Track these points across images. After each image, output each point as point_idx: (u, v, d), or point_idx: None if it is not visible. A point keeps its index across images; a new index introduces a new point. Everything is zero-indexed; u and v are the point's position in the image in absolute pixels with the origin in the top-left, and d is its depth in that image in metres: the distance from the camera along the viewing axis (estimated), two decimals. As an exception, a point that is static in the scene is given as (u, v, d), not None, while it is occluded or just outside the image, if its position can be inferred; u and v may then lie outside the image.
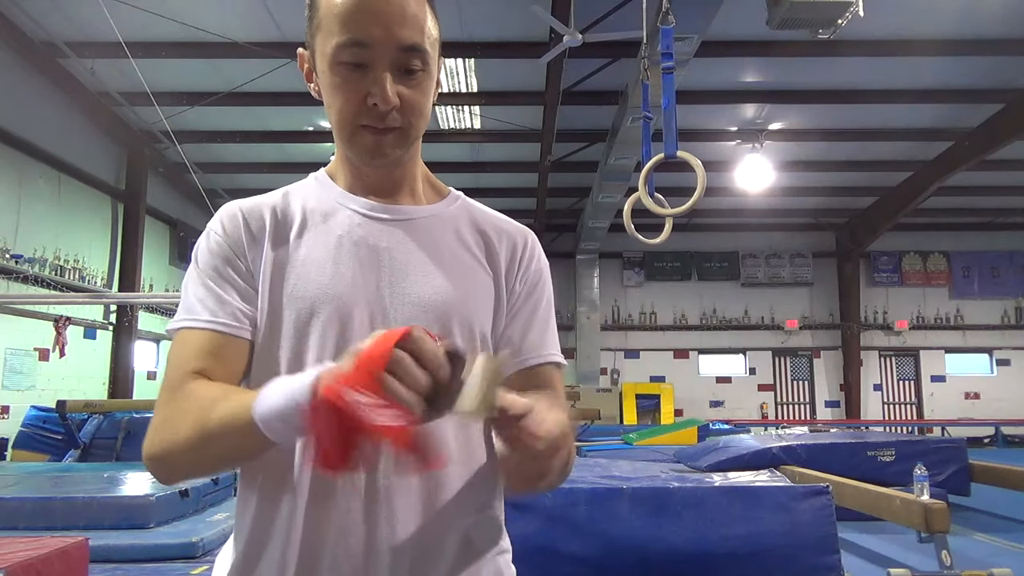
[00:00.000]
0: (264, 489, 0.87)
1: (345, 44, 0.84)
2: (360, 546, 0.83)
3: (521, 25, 8.31)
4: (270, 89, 9.51)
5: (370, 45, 0.84)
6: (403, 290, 0.90)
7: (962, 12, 8.20)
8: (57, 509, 4.28)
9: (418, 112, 0.90)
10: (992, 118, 10.60)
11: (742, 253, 16.95)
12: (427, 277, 0.91)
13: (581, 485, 3.79)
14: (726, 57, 8.96)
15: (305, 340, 0.87)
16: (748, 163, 12.02)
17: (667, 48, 4.82)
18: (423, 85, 0.89)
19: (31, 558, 2.28)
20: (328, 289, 0.88)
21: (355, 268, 0.90)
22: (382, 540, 0.83)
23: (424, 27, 0.87)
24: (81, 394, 9.63)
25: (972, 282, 16.78)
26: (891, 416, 16.71)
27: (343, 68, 0.86)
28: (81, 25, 8.33)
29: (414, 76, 0.87)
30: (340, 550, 0.83)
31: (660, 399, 15.82)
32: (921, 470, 4.26)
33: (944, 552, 3.83)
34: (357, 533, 0.83)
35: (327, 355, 0.86)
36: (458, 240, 0.96)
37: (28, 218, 9.36)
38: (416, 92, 0.88)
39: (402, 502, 0.85)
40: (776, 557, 3.55)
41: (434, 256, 0.93)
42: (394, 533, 0.84)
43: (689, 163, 4.65)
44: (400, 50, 0.85)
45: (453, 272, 0.93)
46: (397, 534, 0.84)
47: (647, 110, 5.51)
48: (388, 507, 0.84)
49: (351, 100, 0.86)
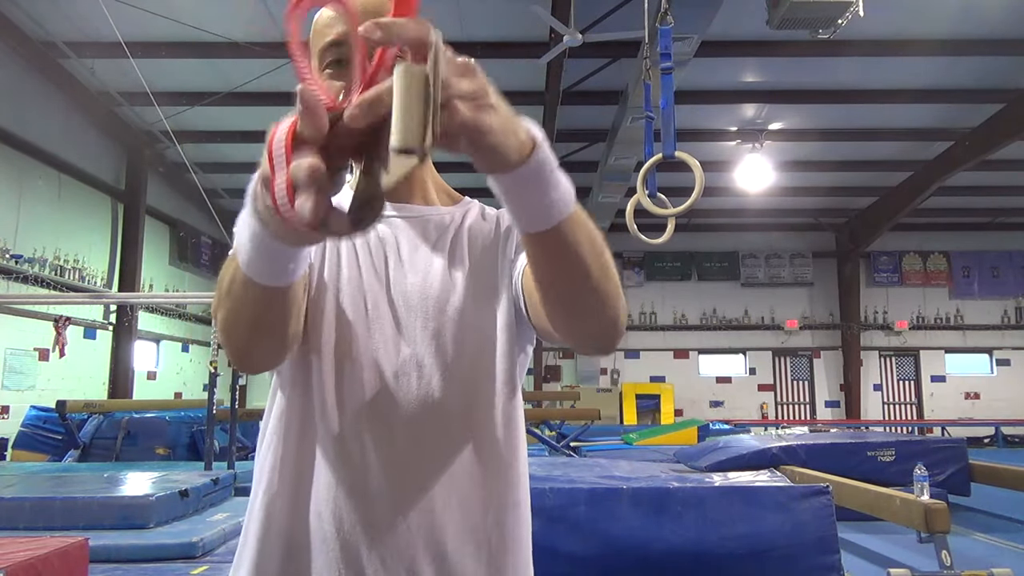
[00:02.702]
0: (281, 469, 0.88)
1: (326, 48, 0.90)
2: (372, 519, 0.84)
3: (521, 25, 8.32)
4: (270, 89, 9.50)
5: (344, 42, 0.89)
6: (403, 285, 0.92)
7: (961, 12, 8.20)
8: (57, 509, 4.28)
9: None
10: (992, 118, 10.60)
11: (742, 253, 16.95)
12: (428, 272, 0.93)
13: (581, 485, 3.79)
14: (726, 57, 8.96)
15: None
16: (748, 163, 12.02)
17: (666, 48, 4.81)
18: None
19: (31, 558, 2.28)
20: (330, 279, 0.91)
21: (363, 258, 0.93)
22: (396, 514, 0.85)
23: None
24: (81, 394, 9.63)
25: (972, 282, 16.79)
26: (891, 416, 16.71)
27: (329, 70, 0.91)
28: (81, 25, 8.32)
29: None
30: (348, 525, 0.84)
31: (660, 399, 15.83)
32: (921, 470, 4.26)
33: (944, 552, 3.83)
34: (376, 508, 0.85)
35: (326, 344, 0.88)
36: (467, 237, 0.97)
37: (28, 218, 9.37)
38: None
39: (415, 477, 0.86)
40: (776, 557, 3.56)
41: (437, 251, 0.95)
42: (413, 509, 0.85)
43: (687, 163, 4.65)
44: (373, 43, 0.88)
45: (455, 266, 0.94)
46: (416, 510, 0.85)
47: (649, 110, 5.50)
48: (404, 480, 0.85)
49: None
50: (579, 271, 0.72)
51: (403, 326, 0.90)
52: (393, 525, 0.85)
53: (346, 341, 0.89)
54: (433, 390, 0.88)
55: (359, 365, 0.88)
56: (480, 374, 0.91)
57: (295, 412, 0.88)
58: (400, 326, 0.90)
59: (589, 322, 0.79)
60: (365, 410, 0.87)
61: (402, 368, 0.88)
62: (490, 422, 0.91)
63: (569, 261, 0.71)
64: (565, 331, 0.82)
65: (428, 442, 0.87)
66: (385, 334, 0.90)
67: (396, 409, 0.87)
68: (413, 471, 0.86)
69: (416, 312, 0.90)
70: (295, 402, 0.89)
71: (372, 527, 0.84)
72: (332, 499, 0.85)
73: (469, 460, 0.89)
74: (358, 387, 0.87)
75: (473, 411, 0.90)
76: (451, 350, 0.90)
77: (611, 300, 0.77)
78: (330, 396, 0.87)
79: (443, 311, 0.91)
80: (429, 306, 0.91)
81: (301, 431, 0.88)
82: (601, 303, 0.76)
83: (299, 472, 0.87)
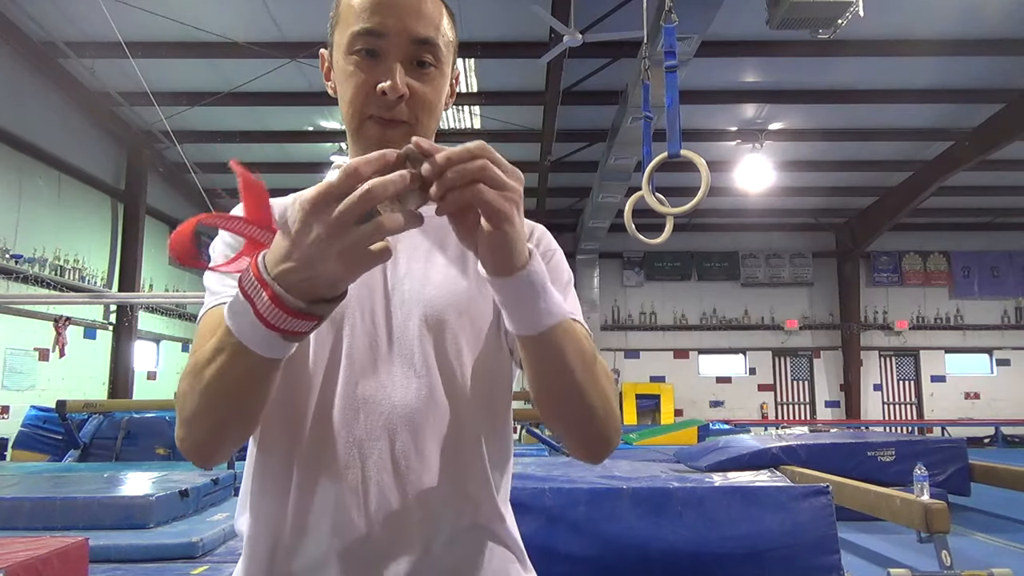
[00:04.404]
0: (274, 473, 0.88)
1: (360, 32, 0.87)
2: (362, 519, 0.84)
3: (521, 25, 8.32)
4: (270, 89, 9.51)
5: (384, 35, 0.86)
6: (404, 286, 0.90)
7: (962, 12, 8.20)
8: (57, 509, 4.27)
9: (427, 108, 0.90)
10: (992, 118, 10.60)
11: (742, 253, 16.95)
12: (428, 274, 0.91)
13: (581, 485, 3.79)
14: (726, 57, 8.96)
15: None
16: (748, 163, 12.03)
17: (670, 47, 4.81)
18: (435, 82, 0.90)
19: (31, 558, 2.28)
20: None
21: None
22: (386, 514, 0.84)
23: (439, 25, 0.90)
24: (81, 394, 9.64)
25: (972, 282, 16.79)
26: (891, 416, 16.71)
27: (357, 56, 0.88)
28: (81, 25, 8.33)
29: (426, 70, 0.89)
30: (341, 519, 0.83)
31: (660, 399, 15.83)
32: (921, 470, 4.26)
33: (944, 552, 3.83)
34: (365, 508, 0.84)
35: (324, 346, 0.87)
36: None
37: (28, 218, 9.37)
38: (427, 86, 0.89)
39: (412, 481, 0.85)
40: (776, 557, 3.55)
41: (441, 252, 0.93)
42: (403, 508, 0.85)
43: (693, 161, 4.65)
44: (413, 42, 0.87)
45: (455, 268, 0.93)
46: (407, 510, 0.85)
47: (648, 110, 5.50)
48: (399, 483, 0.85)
49: (361, 88, 0.87)
50: (566, 378, 0.78)
51: (404, 331, 0.89)
52: (392, 531, 0.84)
53: (344, 346, 0.87)
54: (431, 391, 0.87)
55: (358, 369, 0.87)
56: (482, 378, 0.90)
57: (291, 417, 0.87)
58: (401, 331, 0.89)
59: (577, 433, 0.84)
60: (361, 412, 0.85)
61: (400, 369, 0.87)
62: (489, 426, 0.91)
63: (556, 367, 0.78)
64: (556, 433, 0.88)
65: (429, 449, 0.86)
66: (384, 339, 0.88)
67: (394, 411, 0.86)
68: (414, 477, 0.85)
69: (416, 317, 0.89)
70: (292, 407, 0.87)
71: (371, 533, 0.83)
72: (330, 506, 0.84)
73: (470, 462, 0.89)
74: (358, 392, 0.86)
75: (474, 416, 0.89)
76: (454, 355, 0.89)
77: (598, 414, 0.82)
78: (326, 397, 0.86)
79: (445, 316, 0.89)
80: (430, 311, 0.89)
81: (296, 437, 0.86)
82: (588, 415, 0.81)
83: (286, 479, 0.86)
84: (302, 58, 8.50)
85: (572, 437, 0.85)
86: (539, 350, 0.77)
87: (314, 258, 0.63)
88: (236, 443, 0.81)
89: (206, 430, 0.78)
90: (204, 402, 0.75)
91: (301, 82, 9.33)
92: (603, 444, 0.85)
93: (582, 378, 0.79)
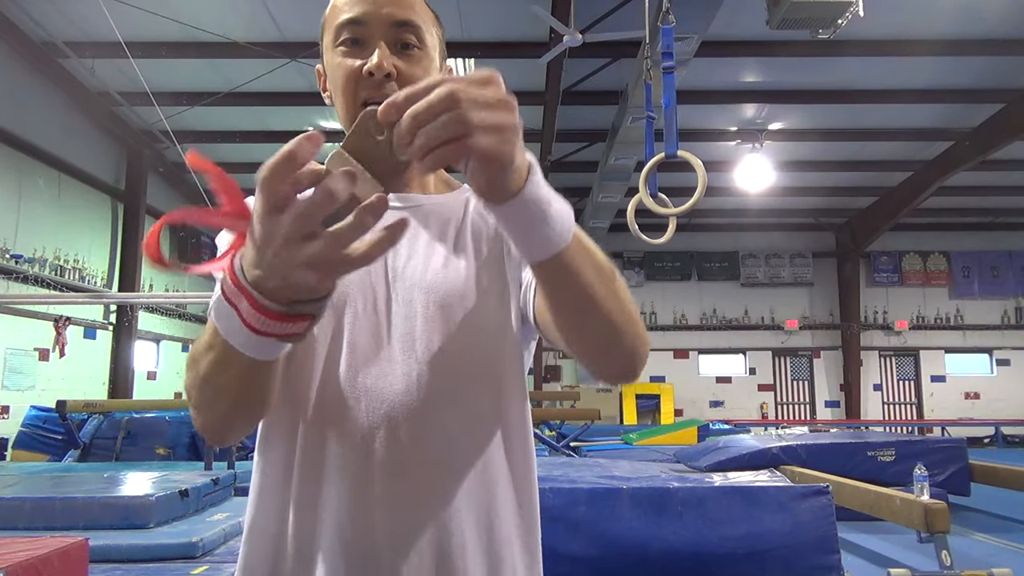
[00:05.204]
0: (277, 471, 0.87)
1: (343, 24, 0.92)
2: (369, 527, 0.83)
3: (521, 25, 8.32)
4: (270, 89, 9.51)
5: (365, 22, 0.91)
6: (405, 274, 0.90)
7: (962, 12, 8.20)
8: (57, 509, 4.27)
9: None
10: (992, 118, 10.61)
11: (742, 253, 16.95)
12: (430, 261, 0.91)
13: (581, 485, 3.79)
14: (726, 57, 8.96)
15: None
16: (748, 163, 12.03)
17: (668, 47, 4.82)
18: (422, 63, 0.93)
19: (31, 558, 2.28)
20: None
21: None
22: (393, 521, 0.83)
23: (415, 8, 0.94)
24: (81, 394, 9.63)
25: (972, 282, 16.79)
26: (891, 416, 16.72)
27: (343, 47, 0.92)
28: (81, 25, 8.33)
29: (410, 51, 0.93)
30: (349, 532, 0.83)
31: (660, 399, 15.82)
32: (921, 470, 4.26)
33: (944, 552, 3.83)
34: (371, 514, 0.83)
35: (326, 335, 0.87)
36: (465, 225, 0.95)
37: (28, 218, 9.37)
38: (415, 67, 0.92)
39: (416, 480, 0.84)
40: (776, 557, 3.55)
41: (439, 240, 0.93)
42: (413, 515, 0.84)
43: (690, 163, 4.65)
44: (393, 25, 0.92)
45: (458, 256, 0.92)
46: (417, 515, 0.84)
47: (650, 110, 5.51)
48: (404, 485, 0.84)
49: (350, 74, 0.91)
50: (588, 295, 0.72)
51: (406, 319, 0.88)
52: (398, 526, 0.83)
53: (345, 334, 0.87)
54: (434, 379, 0.86)
55: (360, 358, 0.86)
56: (487, 366, 0.89)
57: (293, 408, 0.87)
58: (403, 319, 0.88)
59: (603, 352, 0.79)
60: (363, 402, 0.85)
61: (402, 356, 0.86)
62: (502, 413, 0.89)
63: (578, 285, 0.71)
64: (583, 360, 0.81)
65: (433, 439, 0.85)
66: (386, 326, 0.88)
67: (396, 400, 0.85)
68: (418, 469, 0.84)
69: (418, 304, 0.88)
70: (293, 398, 0.87)
71: (376, 528, 0.83)
72: (333, 499, 0.83)
73: (477, 458, 0.87)
74: (359, 381, 0.86)
75: (481, 406, 0.88)
76: (457, 342, 0.88)
77: (627, 329, 0.77)
78: (327, 387, 0.86)
79: (447, 303, 0.89)
80: (432, 298, 0.89)
81: (298, 428, 0.86)
82: (615, 333, 0.76)
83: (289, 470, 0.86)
84: (302, 58, 8.50)
85: (600, 358, 0.80)
86: (557, 272, 0.70)
87: (280, 268, 0.59)
88: (246, 427, 0.83)
89: (212, 419, 0.81)
90: (204, 396, 0.78)
91: (301, 82, 9.32)
92: (633, 359, 0.80)
93: (606, 298, 0.73)
